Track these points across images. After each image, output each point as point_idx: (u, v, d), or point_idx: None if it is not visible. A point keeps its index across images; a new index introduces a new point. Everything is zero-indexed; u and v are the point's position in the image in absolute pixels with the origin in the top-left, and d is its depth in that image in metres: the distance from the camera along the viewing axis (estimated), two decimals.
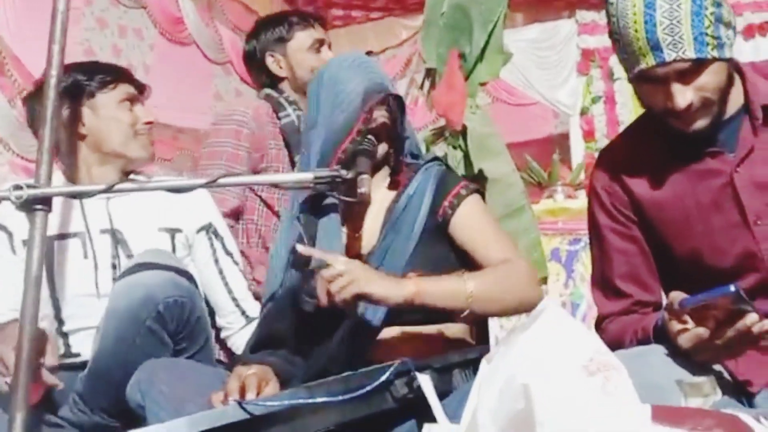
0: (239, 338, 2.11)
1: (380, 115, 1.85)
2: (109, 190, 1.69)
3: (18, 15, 4.30)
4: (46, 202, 1.62)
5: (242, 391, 1.60)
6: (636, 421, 1.07)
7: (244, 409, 1.46)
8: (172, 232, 2.15)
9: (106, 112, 2.14)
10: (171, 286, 1.83)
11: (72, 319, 2.04)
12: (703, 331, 1.49)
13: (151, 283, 1.81)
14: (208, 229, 2.19)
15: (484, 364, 1.27)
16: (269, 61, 2.67)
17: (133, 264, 1.88)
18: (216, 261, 2.16)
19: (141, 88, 2.23)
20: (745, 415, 1.10)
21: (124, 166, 2.18)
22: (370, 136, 1.82)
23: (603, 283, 1.85)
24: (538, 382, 1.10)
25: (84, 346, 2.02)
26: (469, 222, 1.85)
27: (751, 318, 1.46)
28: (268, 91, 2.67)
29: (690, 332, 1.50)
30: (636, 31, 1.58)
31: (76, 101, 2.12)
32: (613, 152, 1.89)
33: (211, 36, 5.90)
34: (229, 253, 2.17)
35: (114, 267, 2.06)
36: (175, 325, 1.84)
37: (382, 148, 1.86)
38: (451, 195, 1.86)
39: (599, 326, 1.85)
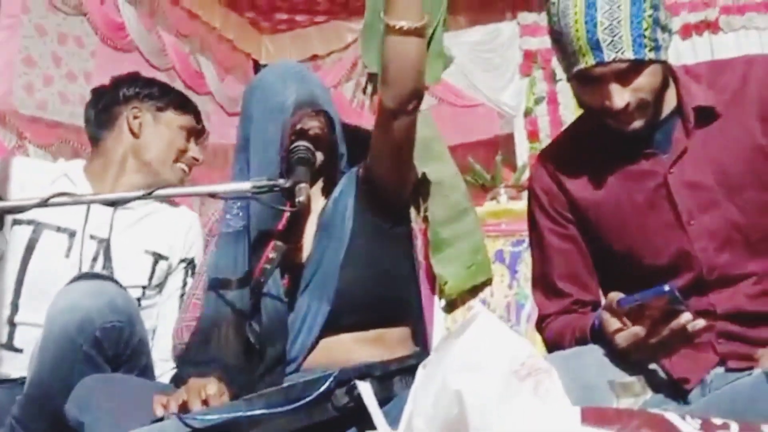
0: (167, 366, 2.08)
1: (312, 126, 1.86)
2: (44, 203, 1.67)
3: None
4: None
5: (184, 405, 1.58)
6: (566, 423, 1.09)
7: (185, 424, 1.46)
8: (157, 257, 2.16)
9: (166, 128, 2.24)
10: (109, 310, 1.79)
11: (27, 310, 2.03)
12: (639, 330, 1.50)
13: (89, 307, 1.76)
14: (189, 263, 2.22)
15: (420, 370, 1.28)
16: None
17: (69, 286, 1.84)
18: (182, 295, 2.17)
19: (203, 131, 2.35)
20: (671, 414, 1.12)
21: (151, 184, 2.14)
22: (307, 144, 1.82)
23: (543, 282, 1.87)
24: (470, 387, 1.12)
25: (26, 343, 1.99)
26: None
27: (686, 317, 1.48)
28: None
29: (627, 331, 1.52)
30: (577, 30, 1.61)
31: (148, 106, 2.23)
32: (551, 153, 1.91)
33: (153, 42, 5.83)
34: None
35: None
36: (114, 351, 1.79)
37: (319, 157, 1.87)
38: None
39: (540, 325, 1.88)
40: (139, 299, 2.10)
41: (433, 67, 3.47)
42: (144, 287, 2.13)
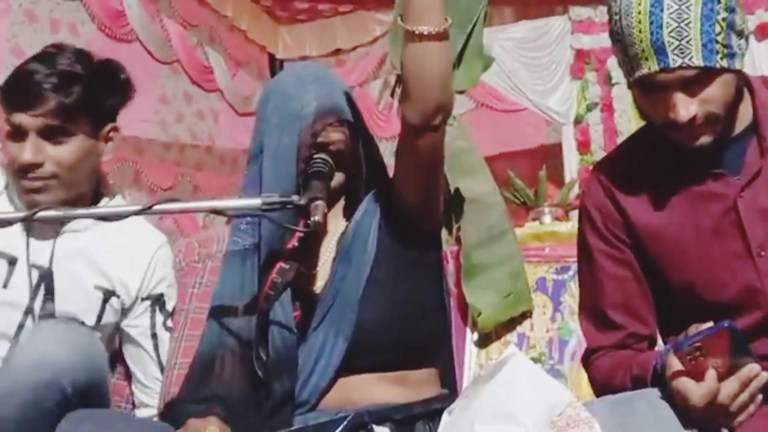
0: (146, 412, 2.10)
1: (336, 140, 1.86)
2: (30, 217, 1.70)
3: None
4: None
5: None
6: None
7: None
8: (108, 294, 2.10)
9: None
10: (81, 366, 1.76)
11: None
12: (714, 384, 1.47)
13: (59, 363, 1.73)
14: (156, 300, 2.15)
15: (445, 417, 1.30)
16: None
17: (37, 336, 1.81)
18: (153, 335, 2.16)
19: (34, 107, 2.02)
20: None
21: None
22: (324, 157, 1.83)
23: (593, 312, 1.86)
24: None
25: None
26: None
27: (750, 369, 1.46)
28: None
29: (702, 388, 1.48)
30: (640, 31, 1.61)
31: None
32: (608, 167, 1.90)
33: (156, 32, 5.90)
34: (168, 328, 2.16)
35: (28, 311, 2.04)
36: (83, 408, 1.76)
37: (339, 178, 1.87)
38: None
39: (587, 360, 1.86)
40: None
41: (471, 69, 3.50)
42: (92, 328, 2.06)
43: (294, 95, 1.87)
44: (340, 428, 1.55)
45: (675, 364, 1.52)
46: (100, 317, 2.08)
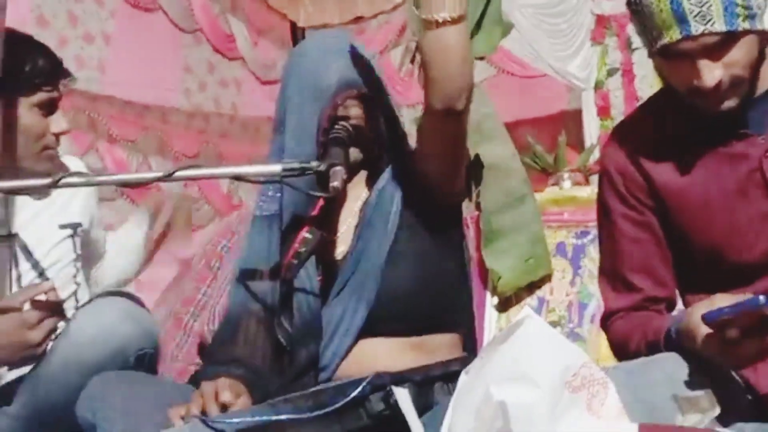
0: None
1: (356, 115, 1.85)
2: (54, 184, 1.72)
3: None
4: None
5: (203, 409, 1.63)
6: None
7: (209, 426, 1.51)
8: (74, 227, 2.19)
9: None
10: (145, 337, 1.87)
11: None
12: (733, 335, 1.45)
13: (126, 334, 1.83)
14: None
15: (462, 377, 1.31)
16: None
17: (99, 309, 1.89)
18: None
19: (58, 94, 2.14)
20: None
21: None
22: (344, 124, 1.83)
23: (612, 274, 1.85)
24: (516, 399, 1.15)
25: None
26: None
27: None
28: None
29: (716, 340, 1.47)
30: (659, 1, 1.58)
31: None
32: (629, 129, 1.88)
33: (179, 1, 5.90)
34: None
35: (11, 279, 2.08)
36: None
37: (355, 153, 1.85)
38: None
39: (605, 322, 1.86)
40: (75, 275, 2.18)
41: (491, 36, 3.50)
42: (74, 260, 2.19)
43: (316, 67, 1.87)
44: (359, 389, 1.57)
45: (694, 326, 1.51)
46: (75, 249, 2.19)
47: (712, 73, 1.59)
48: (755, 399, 1.62)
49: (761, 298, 1.40)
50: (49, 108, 2.12)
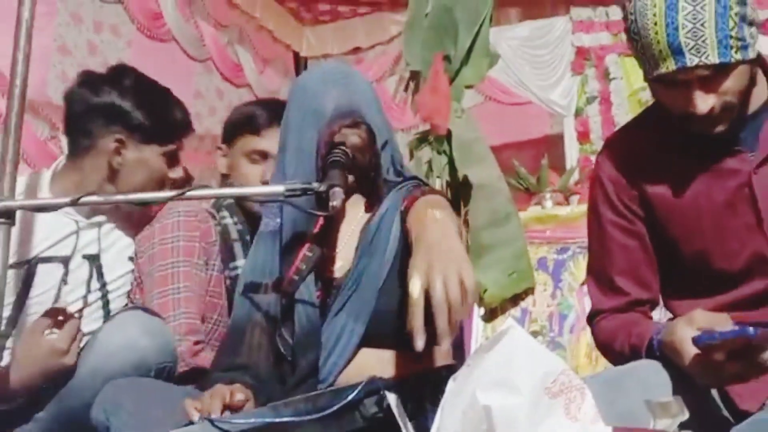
0: None
1: (352, 141, 1.82)
2: (74, 203, 1.72)
3: None
4: (8, 215, 1.66)
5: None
6: None
7: (217, 427, 1.51)
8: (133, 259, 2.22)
9: (148, 161, 2.16)
10: (162, 351, 1.91)
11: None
12: (719, 358, 1.46)
13: (145, 348, 1.88)
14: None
15: (450, 384, 1.31)
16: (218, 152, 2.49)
17: (122, 321, 1.94)
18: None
19: (181, 148, 2.24)
20: None
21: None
22: (343, 148, 1.83)
23: (599, 276, 1.84)
24: (499, 404, 1.15)
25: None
26: (418, 212, 1.75)
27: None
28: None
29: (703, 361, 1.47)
30: (656, 33, 1.56)
31: (132, 140, 2.14)
32: (623, 140, 1.86)
33: (191, 32, 5.91)
34: None
35: (85, 295, 2.10)
36: None
37: (349, 179, 1.82)
38: (412, 196, 1.84)
39: (592, 321, 1.85)
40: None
41: (479, 66, 3.50)
42: (129, 292, 2.20)
43: (316, 95, 1.86)
44: (354, 393, 1.57)
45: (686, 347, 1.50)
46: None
47: (705, 102, 1.58)
48: (732, 413, 1.61)
49: (751, 329, 1.39)
50: (173, 158, 2.20)
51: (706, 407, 1.59)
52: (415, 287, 1.44)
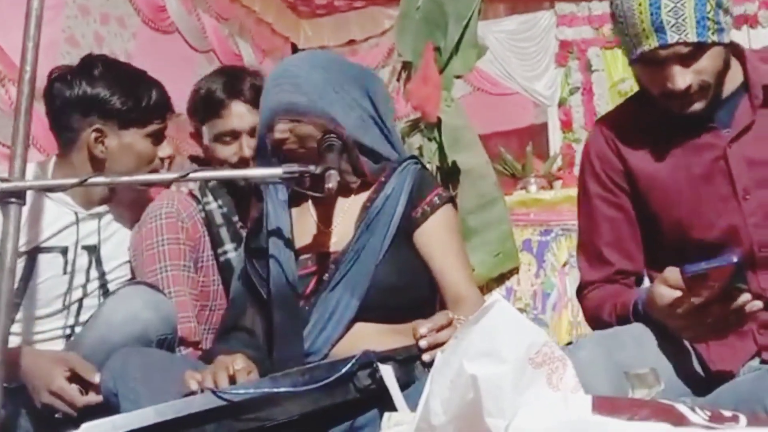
0: None
1: (279, 137, 1.87)
2: (81, 183, 1.72)
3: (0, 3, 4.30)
4: (20, 195, 1.65)
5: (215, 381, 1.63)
6: (577, 411, 1.12)
7: (220, 397, 1.51)
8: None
9: (131, 144, 2.12)
10: (163, 323, 1.91)
11: (22, 326, 2.05)
12: (696, 300, 1.47)
13: (147, 320, 1.88)
14: None
15: (439, 355, 1.31)
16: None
17: (126, 295, 1.94)
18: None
19: (166, 126, 2.20)
20: (681, 405, 1.14)
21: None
22: (334, 135, 1.84)
23: (588, 249, 1.87)
24: (485, 373, 1.15)
25: None
26: (436, 234, 1.87)
27: (744, 297, 1.45)
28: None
29: (684, 303, 1.48)
30: (641, 12, 1.62)
31: (110, 126, 2.09)
32: (610, 120, 1.89)
33: (193, 24, 5.88)
34: None
35: (85, 284, 2.10)
36: None
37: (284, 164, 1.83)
38: (425, 202, 1.89)
39: (581, 293, 1.88)
40: None
41: (467, 57, 3.51)
42: (128, 281, 2.18)
43: (264, 94, 1.91)
44: (349, 366, 1.57)
45: (660, 290, 1.52)
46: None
47: (683, 78, 1.63)
48: (707, 374, 1.64)
49: (734, 257, 1.41)
50: (158, 137, 2.16)
51: (688, 364, 1.63)
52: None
